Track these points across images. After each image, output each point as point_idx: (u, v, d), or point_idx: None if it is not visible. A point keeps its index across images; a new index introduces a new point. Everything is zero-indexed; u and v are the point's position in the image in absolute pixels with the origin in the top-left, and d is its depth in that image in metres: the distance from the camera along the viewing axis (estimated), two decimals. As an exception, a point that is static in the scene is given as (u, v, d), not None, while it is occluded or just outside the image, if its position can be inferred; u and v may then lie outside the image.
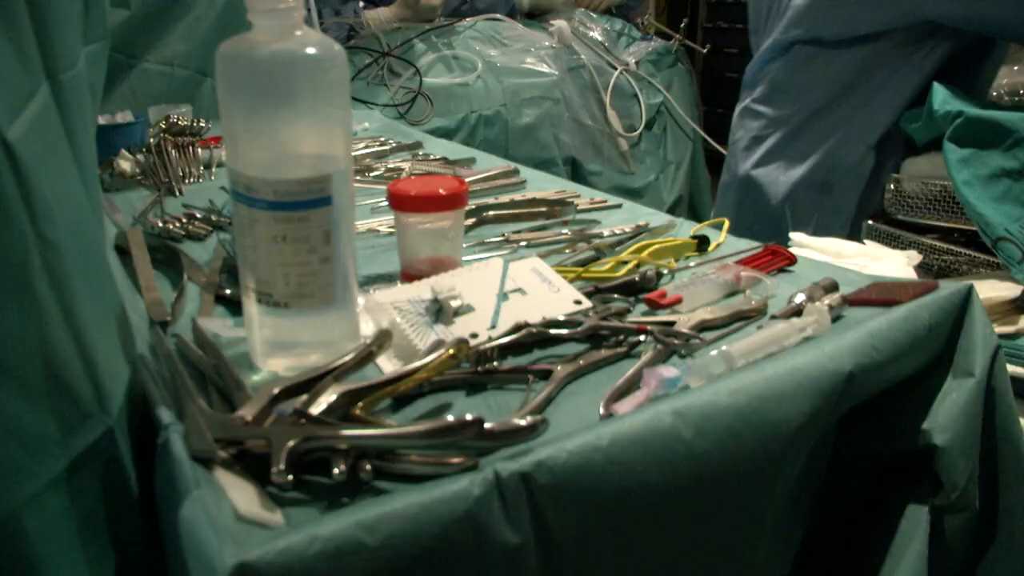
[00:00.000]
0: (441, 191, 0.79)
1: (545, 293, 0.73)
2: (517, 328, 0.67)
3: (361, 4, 2.45)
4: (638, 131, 2.44)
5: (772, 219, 1.65)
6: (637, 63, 2.55)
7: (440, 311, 0.69)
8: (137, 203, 1.18)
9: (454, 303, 0.69)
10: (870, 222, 1.49)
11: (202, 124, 1.51)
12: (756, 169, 1.71)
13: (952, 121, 1.19)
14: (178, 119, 1.50)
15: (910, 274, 1.15)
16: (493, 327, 0.68)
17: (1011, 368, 1.00)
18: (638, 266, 0.83)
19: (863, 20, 1.51)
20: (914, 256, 1.18)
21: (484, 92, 2.19)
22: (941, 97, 1.25)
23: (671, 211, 2.49)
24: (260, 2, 0.56)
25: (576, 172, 2.32)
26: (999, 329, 1.08)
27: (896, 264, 1.15)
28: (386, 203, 0.83)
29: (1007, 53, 1.63)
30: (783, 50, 1.69)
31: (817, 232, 1.48)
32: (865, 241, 1.42)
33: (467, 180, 1.15)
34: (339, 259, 0.62)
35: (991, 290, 1.13)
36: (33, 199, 0.46)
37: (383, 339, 0.60)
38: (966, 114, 1.18)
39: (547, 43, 2.41)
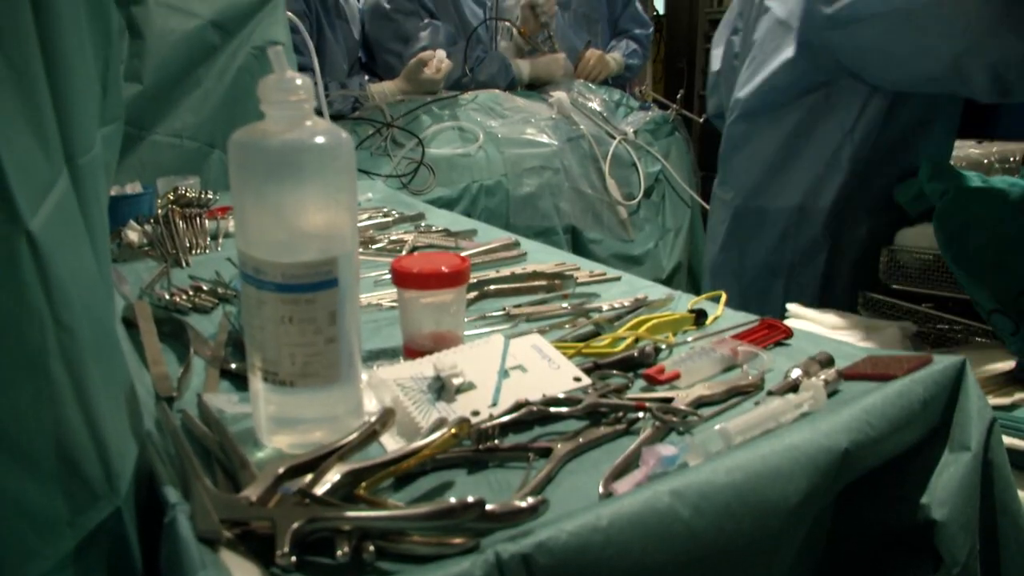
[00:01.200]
0: (444, 269, 0.81)
1: (545, 370, 0.75)
2: (518, 406, 0.68)
3: (366, 77, 2.51)
4: (637, 199, 2.48)
5: (746, 304, 1.57)
6: (635, 132, 2.61)
7: (442, 388, 0.70)
8: (144, 274, 1.20)
9: (456, 381, 0.70)
10: (868, 293, 1.50)
11: (209, 196, 1.55)
12: (721, 255, 1.69)
13: (940, 197, 1.21)
14: (186, 191, 1.54)
15: (905, 346, 1.17)
16: (494, 404, 0.69)
17: (1008, 440, 1.00)
18: (637, 341, 0.85)
19: (781, 83, 1.48)
20: (909, 327, 1.19)
21: (485, 162, 2.23)
22: (929, 172, 1.28)
23: (670, 277, 2.51)
24: (273, 95, 0.59)
25: (576, 240, 2.35)
26: (995, 401, 1.09)
27: (891, 335, 1.17)
28: (389, 276, 0.85)
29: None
30: (729, 130, 1.67)
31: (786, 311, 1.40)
32: (861, 311, 1.43)
33: (468, 253, 1.18)
34: (344, 338, 0.63)
35: (986, 362, 1.14)
36: (51, 285, 0.48)
37: (387, 418, 0.61)
38: (954, 189, 1.20)
39: (547, 114, 2.47)
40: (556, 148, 2.35)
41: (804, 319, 1.24)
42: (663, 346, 0.84)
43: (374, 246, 1.27)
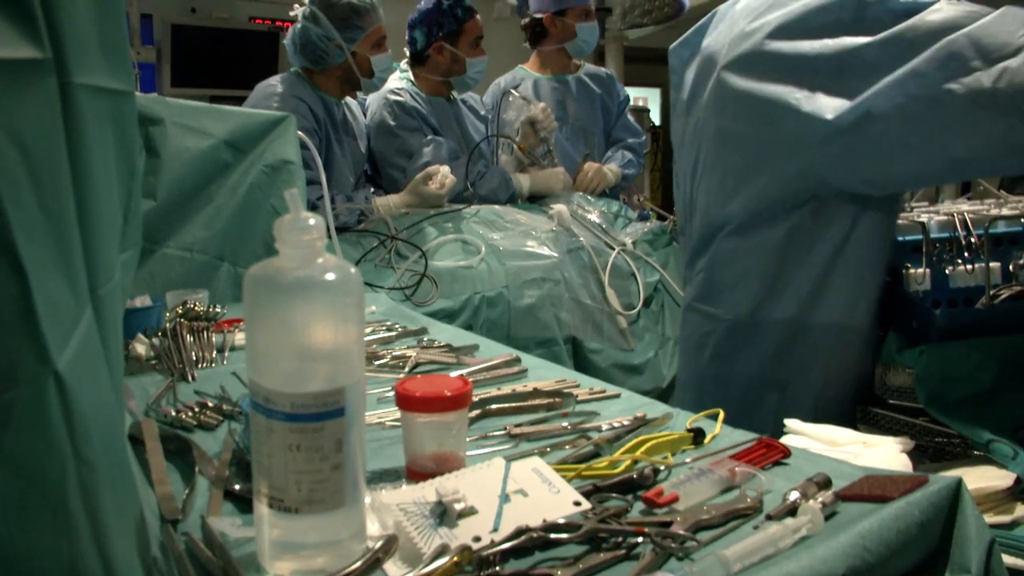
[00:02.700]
0: (446, 392, 0.83)
1: (545, 494, 0.76)
2: (519, 532, 0.69)
3: (371, 190, 2.59)
4: (636, 309, 2.51)
5: (735, 415, 1.53)
6: (634, 243, 2.67)
7: (444, 513, 0.71)
8: (151, 388, 1.21)
9: (458, 506, 0.71)
10: (867, 407, 1.51)
11: (217, 310, 1.58)
12: (709, 368, 1.66)
13: (916, 359, 1.26)
14: (194, 305, 1.57)
15: (903, 460, 1.17)
16: (495, 530, 0.70)
17: (1010, 560, 1.00)
18: (635, 462, 0.86)
19: (769, 196, 1.50)
20: (907, 442, 1.21)
21: (487, 274, 2.28)
22: (897, 343, 1.34)
23: (670, 386, 2.52)
24: (287, 235, 0.63)
25: (577, 350, 2.37)
26: (994, 519, 1.09)
27: (889, 451, 1.17)
28: (392, 393, 0.87)
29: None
30: (707, 241, 1.66)
31: (779, 423, 1.37)
32: (859, 425, 1.44)
33: (470, 370, 1.20)
34: (349, 464, 0.65)
35: (984, 479, 1.15)
36: (74, 420, 0.49)
37: (390, 545, 0.63)
38: (927, 352, 1.26)
39: (547, 226, 2.53)
40: (556, 260, 2.40)
41: (802, 435, 1.25)
42: (661, 467, 0.85)
43: (377, 362, 1.29)
